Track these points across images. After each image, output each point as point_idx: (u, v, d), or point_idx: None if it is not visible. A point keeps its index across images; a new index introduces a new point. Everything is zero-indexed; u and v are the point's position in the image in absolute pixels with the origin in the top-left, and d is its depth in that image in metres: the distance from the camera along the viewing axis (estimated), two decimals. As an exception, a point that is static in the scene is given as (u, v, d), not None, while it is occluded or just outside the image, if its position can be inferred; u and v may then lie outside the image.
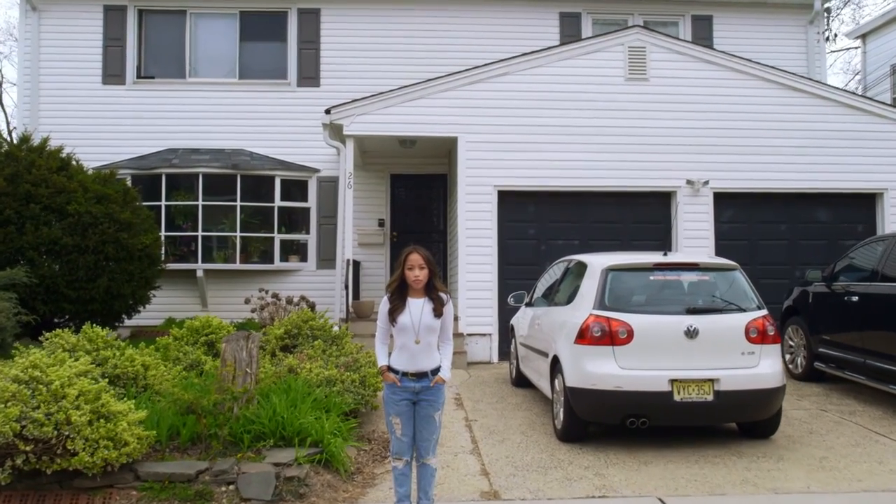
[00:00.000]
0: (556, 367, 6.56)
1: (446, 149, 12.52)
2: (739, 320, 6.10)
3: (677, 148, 11.17)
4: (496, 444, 6.29)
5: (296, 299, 10.98)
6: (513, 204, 11.13)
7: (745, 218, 11.50)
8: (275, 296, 11.10)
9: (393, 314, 4.43)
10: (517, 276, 10.92)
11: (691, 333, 5.94)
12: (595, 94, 11.12)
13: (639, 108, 11.14)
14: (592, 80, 11.13)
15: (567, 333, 6.33)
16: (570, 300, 6.75)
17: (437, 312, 4.44)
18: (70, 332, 6.50)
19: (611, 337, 5.96)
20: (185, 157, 12.68)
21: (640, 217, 11.33)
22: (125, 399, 5.71)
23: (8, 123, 25.01)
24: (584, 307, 6.27)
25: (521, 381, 8.57)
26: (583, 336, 6.06)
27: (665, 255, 6.72)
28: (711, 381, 5.89)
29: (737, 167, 11.22)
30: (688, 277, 6.36)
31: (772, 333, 6.14)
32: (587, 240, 11.06)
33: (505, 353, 10.64)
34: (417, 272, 4.41)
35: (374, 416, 7.00)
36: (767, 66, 11.43)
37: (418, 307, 4.43)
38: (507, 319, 10.66)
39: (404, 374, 4.44)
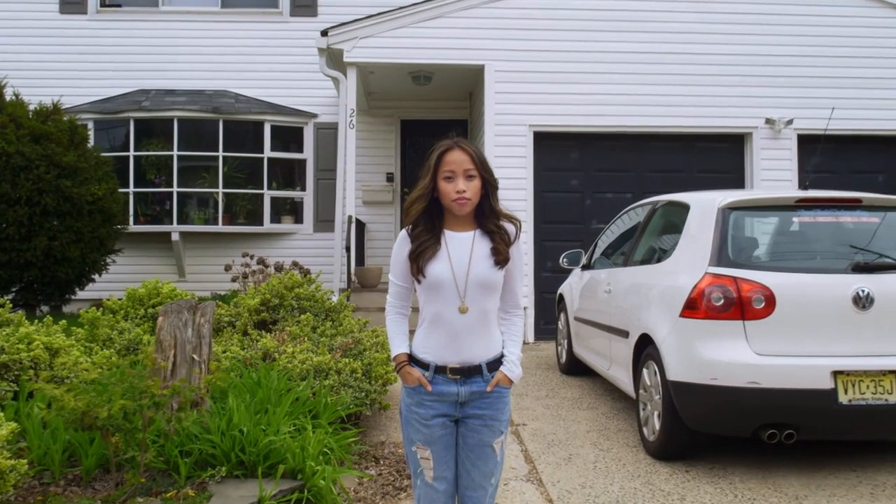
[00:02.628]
0: (643, 351, 4.56)
1: (467, 89, 10.46)
2: (932, 282, 4.08)
3: (754, 80, 9.06)
4: (562, 463, 4.30)
5: (287, 266, 8.97)
6: (552, 148, 9.08)
7: (835, 166, 9.37)
8: (261, 262, 9.07)
9: (419, 259, 2.38)
10: (556, 236, 8.95)
11: (863, 301, 3.92)
12: (653, 12, 8.99)
13: (707, 30, 9.01)
14: (650, -5, 9.03)
15: (667, 302, 4.33)
16: (663, 256, 4.73)
17: (500, 256, 2.40)
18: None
19: (740, 307, 3.94)
20: (158, 100, 10.69)
21: (706, 165, 9.25)
22: (10, 401, 3.78)
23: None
24: (692, 263, 4.24)
25: (573, 368, 6.60)
26: (695, 306, 4.05)
27: (807, 188, 4.70)
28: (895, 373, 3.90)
29: (826, 104, 8.98)
30: (848, 219, 4.31)
31: (977, 302, 4.11)
32: (642, 193, 8.92)
33: (544, 330, 8.70)
34: (462, 184, 2.36)
35: (383, 421, 5.03)
36: (865, -23, 9.28)
37: (464, 246, 2.41)
38: (544, 290, 8.75)
39: (439, 368, 2.43)
